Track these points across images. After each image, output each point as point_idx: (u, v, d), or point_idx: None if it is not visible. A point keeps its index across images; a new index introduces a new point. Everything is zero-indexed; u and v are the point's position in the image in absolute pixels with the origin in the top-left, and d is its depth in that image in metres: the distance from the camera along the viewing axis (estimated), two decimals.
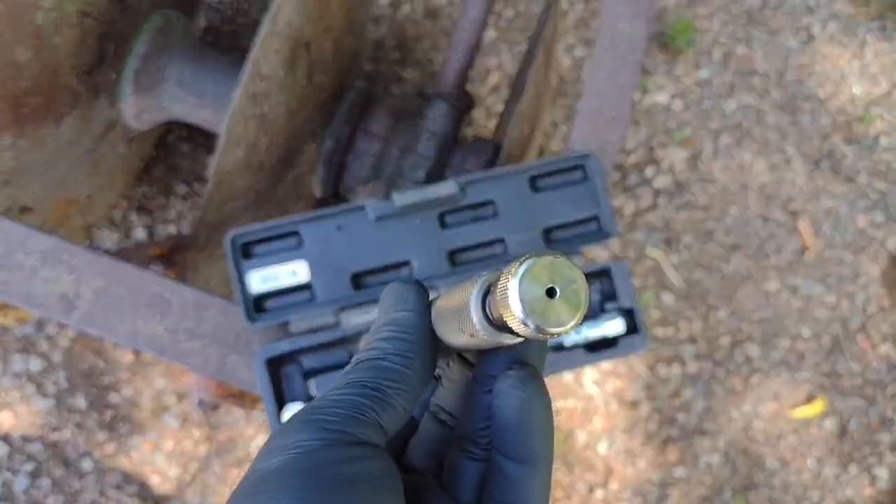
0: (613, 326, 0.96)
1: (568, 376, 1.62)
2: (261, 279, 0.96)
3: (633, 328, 0.98)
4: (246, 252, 0.97)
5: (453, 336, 0.37)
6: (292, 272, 0.97)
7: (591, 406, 1.63)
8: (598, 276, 0.99)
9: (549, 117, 1.65)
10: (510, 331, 0.33)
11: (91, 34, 1.17)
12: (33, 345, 1.54)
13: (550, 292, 0.31)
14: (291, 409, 0.94)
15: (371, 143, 1.31)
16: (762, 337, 1.67)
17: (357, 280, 0.98)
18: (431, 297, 0.40)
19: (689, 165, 1.70)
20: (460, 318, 0.35)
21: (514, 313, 0.31)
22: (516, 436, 0.36)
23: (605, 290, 0.99)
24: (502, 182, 1.00)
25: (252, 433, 1.55)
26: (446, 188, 0.97)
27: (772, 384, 1.66)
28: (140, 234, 1.58)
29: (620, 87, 1.08)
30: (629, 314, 0.98)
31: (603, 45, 1.09)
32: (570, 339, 0.97)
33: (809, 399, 1.67)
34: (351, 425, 0.34)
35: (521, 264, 0.31)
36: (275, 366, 0.95)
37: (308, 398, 0.94)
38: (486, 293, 0.34)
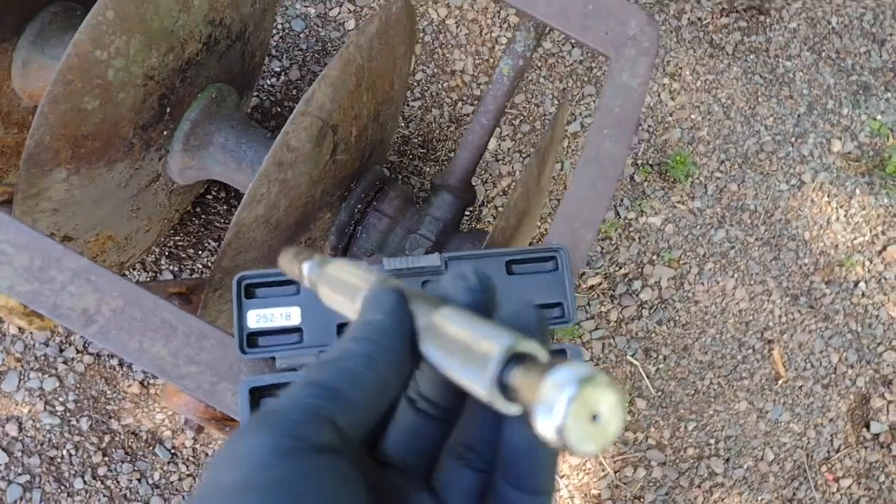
0: None
1: None
2: (257, 317, 1.09)
3: None
4: (249, 292, 1.10)
5: (448, 371, 0.33)
6: (287, 315, 1.10)
7: (555, 499, 1.69)
8: (553, 355, 1.10)
9: (538, 215, 1.80)
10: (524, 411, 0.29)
11: (152, 96, 1.36)
12: (51, 366, 1.68)
13: (594, 417, 0.28)
14: None
15: (380, 220, 1.46)
16: (727, 454, 1.74)
17: (341, 330, 1.11)
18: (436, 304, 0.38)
19: (674, 284, 1.82)
20: (464, 363, 0.31)
21: (551, 423, 0.27)
22: (526, 465, 0.34)
23: None
24: (481, 262, 1.13)
25: None
26: (431, 260, 1.11)
27: (732, 501, 1.71)
28: (167, 277, 1.73)
29: (599, 195, 1.22)
30: None
31: (588, 158, 1.24)
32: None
33: None
34: (306, 429, 0.32)
35: (576, 381, 0.27)
36: (256, 395, 1.06)
37: None
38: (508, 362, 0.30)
